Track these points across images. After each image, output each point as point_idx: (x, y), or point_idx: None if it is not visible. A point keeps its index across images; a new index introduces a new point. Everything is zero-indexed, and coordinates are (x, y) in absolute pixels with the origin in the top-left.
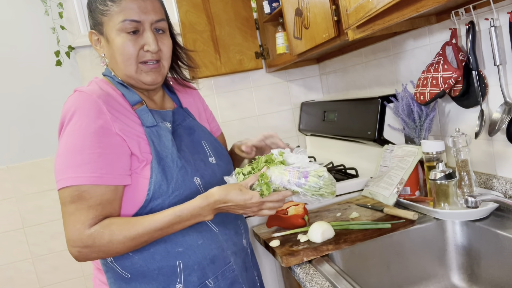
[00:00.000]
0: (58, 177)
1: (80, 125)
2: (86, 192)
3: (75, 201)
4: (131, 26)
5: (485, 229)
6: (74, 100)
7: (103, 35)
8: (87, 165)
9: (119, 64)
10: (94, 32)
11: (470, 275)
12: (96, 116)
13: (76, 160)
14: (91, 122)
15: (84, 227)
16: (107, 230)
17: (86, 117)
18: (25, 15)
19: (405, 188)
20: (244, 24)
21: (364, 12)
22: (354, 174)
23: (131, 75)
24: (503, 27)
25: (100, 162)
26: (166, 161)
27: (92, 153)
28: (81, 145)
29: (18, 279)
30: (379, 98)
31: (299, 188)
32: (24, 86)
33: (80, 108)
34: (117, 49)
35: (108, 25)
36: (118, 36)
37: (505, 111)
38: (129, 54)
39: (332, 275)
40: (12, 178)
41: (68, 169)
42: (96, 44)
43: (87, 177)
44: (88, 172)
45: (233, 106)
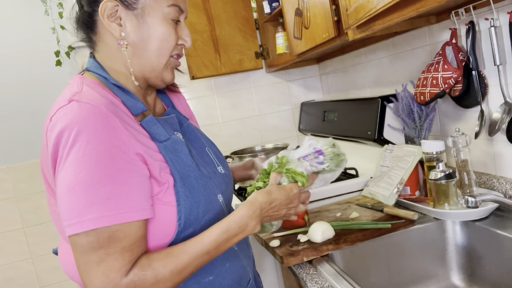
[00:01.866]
0: (75, 219)
1: (92, 149)
2: (119, 232)
3: (104, 246)
4: (177, 14)
5: (485, 229)
6: (74, 115)
7: (133, 11)
8: (113, 199)
9: (151, 52)
10: (117, 3)
11: (470, 275)
12: (111, 136)
13: (98, 195)
14: (107, 144)
15: (120, 276)
16: (149, 270)
17: (99, 138)
18: (25, 15)
19: (405, 188)
20: (244, 24)
21: (364, 12)
22: (354, 174)
23: (156, 69)
24: (503, 27)
25: (126, 192)
26: (189, 182)
27: (116, 183)
28: (101, 174)
29: (18, 279)
30: (379, 98)
31: (322, 165)
32: (24, 86)
33: (88, 126)
34: (155, 37)
35: (149, 5)
36: (161, 23)
37: (505, 111)
38: (169, 44)
39: (332, 275)
40: (12, 178)
41: (89, 207)
42: (111, 19)
43: (116, 215)
44: (115, 209)
45: (233, 106)
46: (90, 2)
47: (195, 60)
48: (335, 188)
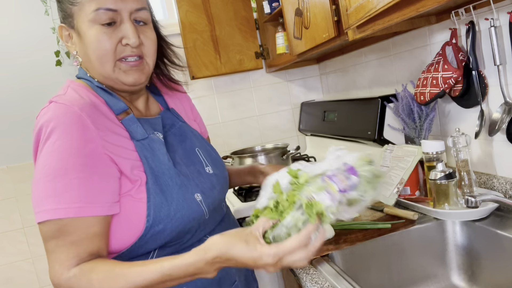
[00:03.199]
0: (36, 208)
1: (60, 145)
2: (69, 226)
3: (56, 237)
4: (106, 16)
5: (485, 229)
6: (51, 114)
7: (74, 29)
8: (69, 192)
9: (94, 62)
10: (64, 27)
11: (470, 275)
12: (79, 133)
13: (56, 188)
14: (73, 141)
15: (63, 269)
16: (84, 279)
17: (67, 135)
18: (25, 15)
19: (405, 188)
20: (244, 24)
21: (364, 12)
22: None
23: (108, 75)
24: (503, 27)
25: (85, 189)
26: (163, 179)
27: (75, 178)
28: (62, 168)
29: (18, 279)
30: (379, 98)
31: (356, 192)
32: (24, 86)
33: (60, 124)
34: (90, 44)
35: (79, 17)
36: (91, 29)
37: (505, 111)
38: (104, 50)
39: (332, 275)
40: (12, 178)
41: (47, 199)
42: (67, 41)
43: (69, 209)
44: (70, 202)
45: (233, 106)
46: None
47: (195, 60)
48: None
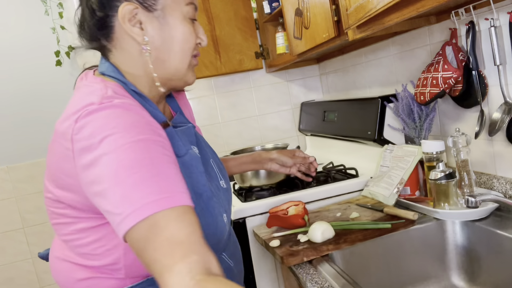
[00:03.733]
0: (125, 210)
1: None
2: (191, 212)
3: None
4: (193, 12)
5: (485, 229)
6: (106, 112)
7: (153, 13)
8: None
9: (173, 55)
10: (137, 5)
11: (470, 275)
12: (146, 125)
13: (144, 178)
14: (144, 131)
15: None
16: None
17: (135, 127)
18: (25, 15)
19: (405, 188)
20: (244, 24)
21: (364, 12)
22: (354, 174)
23: (180, 71)
24: (503, 27)
25: (174, 177)
26: (202, 201)
27: (160, 166)
28: (143, 157)
29: (18, 279)
30: (379, 98)
31: None
32: (24, 86)
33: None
34: (177, 38)
35: (169, 4)
36: (182, 22)
37: (505, 111)
38: (190, 46)
39: (332, 275)
40: (12, 178)
41: (139, 192)
42: (134, 24)
43: (175, 195)
44: (172, 189)
45: (233, 106)
46: (104, 7)
47: None
48: (335, 188)
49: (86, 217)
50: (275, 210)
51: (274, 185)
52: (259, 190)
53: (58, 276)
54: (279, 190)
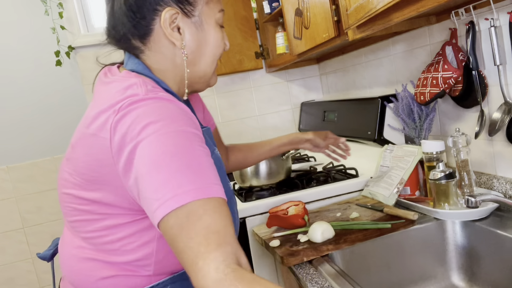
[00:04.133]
0: (165, 195)
1: (173, 125)
2: (225, 204)
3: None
4: (222, 19)
5: (485, 229)
6: (150, 102)
7: (191, 18)
8: (204, 169)
9: (204, 59)
10: (177, 11)
11: (470, 275)
12: (188, 118)
13: (188, 165)
14: (185, 122)
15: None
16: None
17: (178, 116)
18: (25, 15)
19: (405, 188)
20: (244, 24)
21: (364, 12)
22: (354, 174)
23: (207, 74)
24: (503, 27)
25: (212, 169)
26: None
27: (200, 157)
28: (184, 145)
29: (18, 279)
30: (379, 98)
31: None
32: (24, 86)
33: (167, 108)
34: (210, 43)
35: (205, 11)
36: (215, 28)
37: (505, 111)
38: (220, 51)
39: (332, 275)
40: (12, 178)
41: (180, 178)
42: (173, 29)
43: (212, 186)
44: (209, 180)
45: (233, 106)
46: (143, 9)
47: None
48: (335, 188)
49: (118, 213)
50: (275, 210)
51: (274, 185)
52: (259, 190)
53: (76, 276)
54: (279, 190)
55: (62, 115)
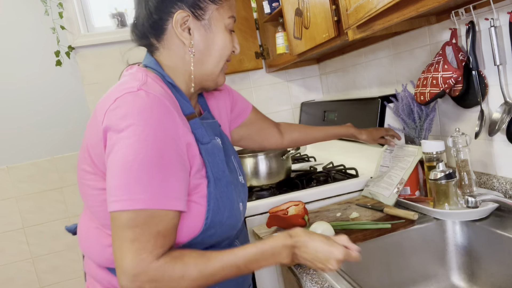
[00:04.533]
0: (124, 195)
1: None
2: (159, 217)
3: (141, 225)
4: (233, 24)
5: (485, 229)
6: (142, 103)
7: (201, 21)
8: (162, 183)
9: (211, 59)
10: (188, 14)
11: (470, 275)
12: (172, 128)
13: (151, 179)
14: (167, 134)
15: (151, 258)
16: (179, 263)
17: (162, 127)
18: (25, 15)
19: (405, 188)
20: (244, 24)
21: (364, 12)
22: (354, 174)
23: (214, 73)
24: (503, 27)
25: (174, 182)
26: (220, 186)
27: (166, 170)
28: (156, 161)
29: (18, 279)
30: (379, 98)
31: None
32: (24, 86)
33: (153, 115)
34: (218, 45)
35: (215, 16)
36: (224, 32)
37: (505, 111)
38: (227, 53)
39: (332, 275)
40: (12, 178)
41: (138, 186)
42: (184, 29)
43: (162, 199)
44: (163, 193)
45: None
46: (160, 11)
47: None
48: (335, 188)
49: None
50: (275, 210)
51: (274, 185)
52: (259, 190)
53: (86, 243)
54: (279, 190)
55: (62, 115)
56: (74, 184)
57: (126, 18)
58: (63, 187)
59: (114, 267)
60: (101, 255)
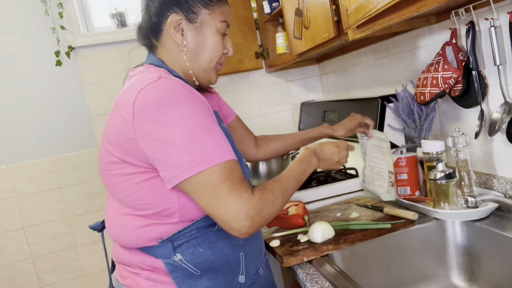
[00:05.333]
0: (199, 159)
1: (191, 107)
2: (234, 166)
3: (229, 177)
4: (225, 28)
5: (485, 229)
6: (168, 87)
7: (193, 24)
8: (220, 141)
9: (204, 58)
10: (182, 17)
11: (470, 275)
12: (199, 100)
13: (213, 139)
14: (199, 104)
15: (251, 195)
16: (267, 190)
17: (192, 99)
18: (25, 15)
19: (405, 188)
20: (244, 24)
21: (364, 12)
22: (354, 174)
23: (206, 71)
24: (503, 27)
25: (224, 140)
26: (240, 160)
27: (215, 131)
28: (207, 125)
29: (18, 279)
30: (379, 98)
31: None
32: (24, 86)
33: (182, 94)
34: (209, 46)
35: (206, 20)
36: (215, 35)
37: (505, 111)
38: (218, 54)
39: (332, 275)
40: (12, 178)
41: (209, 148)
42: (177, 30)
43: (228, 152)
44: (227, 148)
45: (233, 106)
46: (158, 14)
47: None
48: (335, 188)
49: (140, 171)
50: None
51: None
52: None
53: (117, 230)
54: None
55: (62, 115)
56: (74, 184)
57: (126, 18)
58: (63, 187)
59: (147, 246)
60: (135, 236)
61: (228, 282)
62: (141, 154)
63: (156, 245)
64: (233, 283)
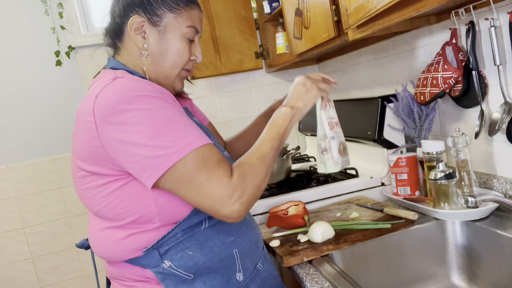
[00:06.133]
0: (170, 149)
1: (151, 100)
2: (208, 151)
3: (203, 165)
4: (192, 34)
5: (485, 229)
6: (125, 85)
7: (156, 27)
8: (189, 129)
9: (166, 63)
10: (144, 19)
11: (470, 275)
12: (161, 91)
13: (178, 128)
14: (160, 95)
15: (229, 178)
16: (243, 165)
17: (153, 92)
18: (25, 15)
19: (405, 188)
20: (244, 24)
21: (364, 12)
22: (354, 174)
23: (169, 78)
24: (503, 27)
25: (194, 127)
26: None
27: (183, 120)
28: (169, 115)
29: (18, 279)
30: (379, 98)
31: None
32: (24, 86)
33: (140, 89)
34: (171, 51)
35: (171, 24)
36: (179, 40)
37: (505, 111)
38: (182, 60)
39: (332, 275)
40: (12, 178)
41: (179, 137)
42: (138, 33)
43: (200, 138)
44: (198, 134)
45: (233, 106)
46: (121, 16)
47: None
48: (335, 188)
49: (111, 180)
50: (275, 210)
51: (274, 185)
52: None
53: (101, 246)
54: (279, 190)
55: (62, 115)
56: None
57: None
58: (63, 187)
59: (132, 258)
60: (119, 249)
61: (225, 282)
62: (111, 162)
63: (141, 256)
64: (230, 282)
